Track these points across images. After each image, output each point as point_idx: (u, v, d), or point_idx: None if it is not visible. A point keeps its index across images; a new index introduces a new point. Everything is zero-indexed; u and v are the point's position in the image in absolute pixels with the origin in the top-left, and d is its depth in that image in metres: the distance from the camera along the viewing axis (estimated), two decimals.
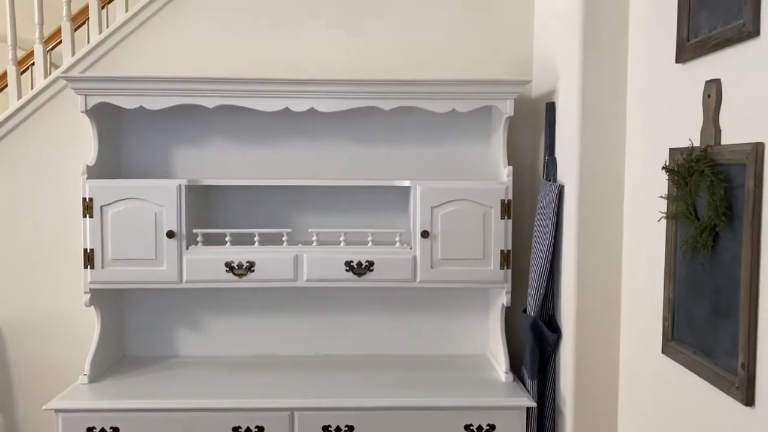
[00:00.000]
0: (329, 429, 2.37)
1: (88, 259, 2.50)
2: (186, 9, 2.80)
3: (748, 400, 1.49)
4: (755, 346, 1.47)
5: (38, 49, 2.90)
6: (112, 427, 2.34)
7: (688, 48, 1.77)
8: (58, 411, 2.35)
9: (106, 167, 2.63)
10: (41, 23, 2.90)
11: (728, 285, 1.58)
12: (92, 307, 2.57)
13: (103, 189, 2.49)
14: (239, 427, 2.36)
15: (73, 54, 2.86)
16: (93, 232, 2.49)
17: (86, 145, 2.68)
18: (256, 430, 2.36)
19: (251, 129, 2.78)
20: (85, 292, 2.52)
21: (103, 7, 2.92)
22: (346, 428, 2.37)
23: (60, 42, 2.95)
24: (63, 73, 2.73)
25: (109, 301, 2.70)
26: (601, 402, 2.29)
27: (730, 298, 1.56)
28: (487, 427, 2.39)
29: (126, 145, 2.78)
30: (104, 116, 2.62)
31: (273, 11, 2.82)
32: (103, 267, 2.50)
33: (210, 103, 2.51)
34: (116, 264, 2.51)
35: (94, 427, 2.35)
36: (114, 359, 2.76)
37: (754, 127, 1.49)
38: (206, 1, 2.80)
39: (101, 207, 2.49)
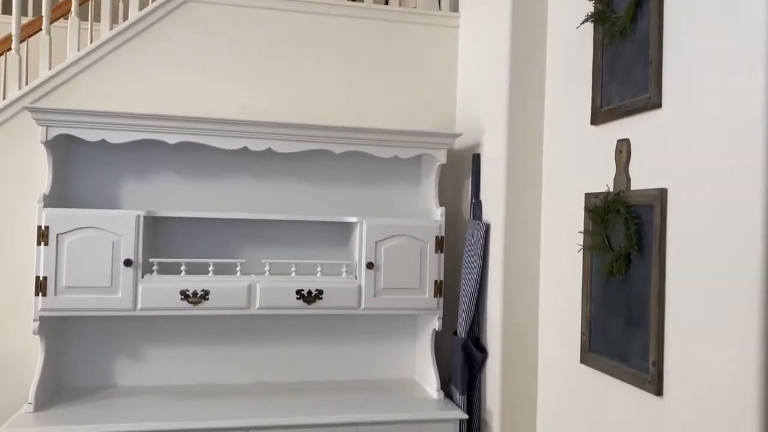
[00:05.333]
0: None
1: (41, 286, 2.52)
2: (137, 50, 2.94)
3: (658, 391, 1.88)
4: (663, 347, 1.88)
5: None
6: None
7: (602, 113, 2.22)
8: None
9: (56, 196, 2.68)
10: None
11: (639, 301, 1.99)
12: (36, 336, 2.58)
13: (60, 217, 2.55)
14: None
15: (20, 87, 2.91)
16: (47, 260, 2.53)
17: (35, 173, 2.75)
18: None
19: (201, 165, 2.94)
20: (35, 320, 2.54)
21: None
22: None
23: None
24: (9, 104, 2.80)
25: (53, 331, 2.71)
26: (524, 412, 2.64)
27: (641, 311, 1.97)
28: None
29: (74, 175, 2.83)
30: (58, 147, 2.69)
31: (224, 57, 3.03)
32: (55, 294, 2.54)
33: (172, 139, 2.67)
34: (70, 292, 2.55)
35: None
36: (54, 390, 2.74)
37: (658, 176, 1.93)
38: (156, 44, 2.96)
39: (57, 235, 2.54)
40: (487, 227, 2.79)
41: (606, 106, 2.21)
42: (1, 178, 2.82)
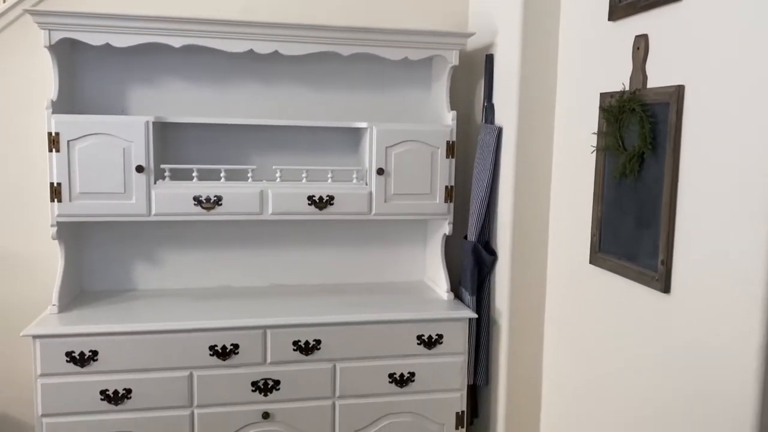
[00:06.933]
0: (299, 343, 2.62)
1: (55, 192, 2.55)
2: None
3: (666, 288, 1.91)
4: (672, 246, 1.89)
5: None
6: (91, 350, 2.46)
7: (620, 8, 2.14)
8: (35, 337, 2.43)
9: (64, 103, 2.66)
10: None
11: (651, 201, 1.98)
12: (55, 241, 2.63)
13: (69, 124, 2.54)
14: (215, 346, 2.55)
15: None
16: (60, 166, 2.54)
17: (42, 79, 2.73)
18: (232, 347, 2.56)
19: (209, 70, 2.89)
20: (52, 225, 2.58)
21: None
22: (314, 342, 2.63)
23: None
24: (10, 7, 2.73)
25: (71, 236, 2.76)
26: (532, 311, 2.70)
27: (652, 211, 1.97)
28: (436, 337, 2.74)
29: (82, 81, 2.80)
30: (63, 51, 2.64)
31: None
32: (70, 200, 2.57)
33: (177, 42, 2.60)
34: (84, 198, 2.58)
35: (72, 351, 2.45)
36: (75, 293, 2.84)
37: (676, 72, 1.88)
38: None
39: (68, 142, 2.54)
40: (500, 130, 2.76)
41: (624, 0, 2.12)
42: (8, 83, 2.79)
